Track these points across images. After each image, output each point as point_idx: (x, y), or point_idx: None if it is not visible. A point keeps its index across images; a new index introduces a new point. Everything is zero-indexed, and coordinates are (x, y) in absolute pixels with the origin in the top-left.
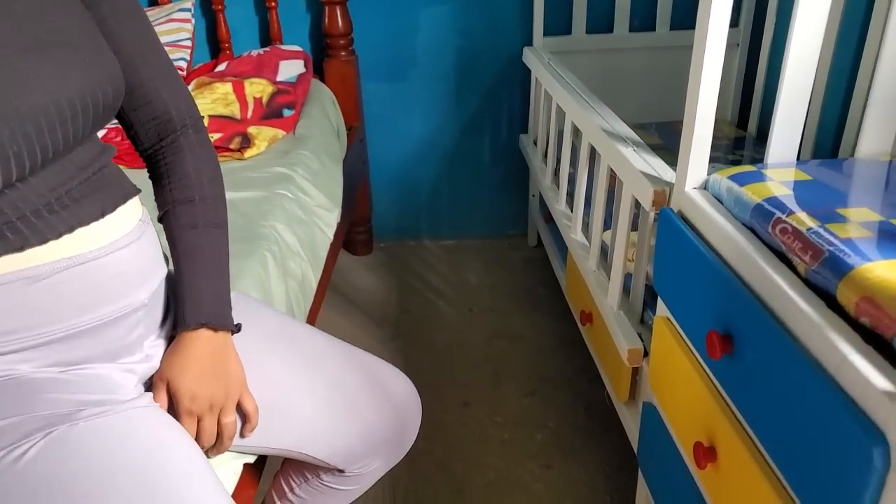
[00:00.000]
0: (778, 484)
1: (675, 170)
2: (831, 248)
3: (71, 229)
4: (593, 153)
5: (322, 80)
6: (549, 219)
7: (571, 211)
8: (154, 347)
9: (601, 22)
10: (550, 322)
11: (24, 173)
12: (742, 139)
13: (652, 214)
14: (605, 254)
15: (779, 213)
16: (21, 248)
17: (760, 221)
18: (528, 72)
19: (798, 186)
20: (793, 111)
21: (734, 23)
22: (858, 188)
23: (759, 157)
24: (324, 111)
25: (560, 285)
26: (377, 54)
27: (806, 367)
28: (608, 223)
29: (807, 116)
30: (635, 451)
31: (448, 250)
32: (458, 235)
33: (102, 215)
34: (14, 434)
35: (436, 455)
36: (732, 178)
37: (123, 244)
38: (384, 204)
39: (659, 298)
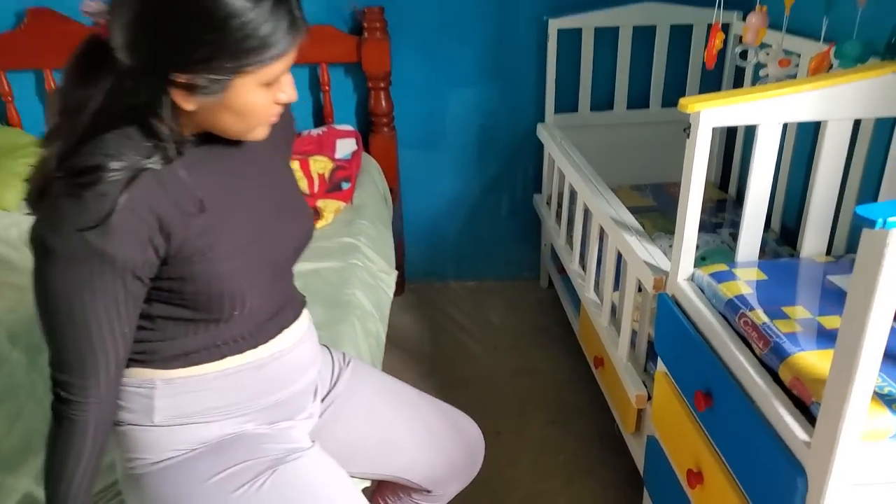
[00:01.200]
0: (745, 499)
1: (669, 258)
2: (777, 340)
3: (280, 331)
4: (602, 230)
5: (367, 150)
6: (561, 269)
7: (584, 271)
8: (314, 406)
9: (603, 101)
10: (565, 358)
11: (271, 300)
12: (724, 201)
13: (652, 293)
14: (613, 310)
15: (743, 309)
16: (255, 346)
17: (730, 313)
18: (541, 143)
19: (758, 286)
20: (754, 228)
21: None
22: (799, 287)
23: (737, 220)
24: (373, 181)
25: (571, 326)
26: (413, 128)
27: (758, 421)
28: (616, 284)
29: (771, 218)
30: (641, 473)
31: (470, 291)
32: (479, 278)
33: (294, 320)
34: (250, 473)
35: (477, 476)
36: (712, 275)
37: (305, 339)
38: (415, 251)
39: (659, 358)
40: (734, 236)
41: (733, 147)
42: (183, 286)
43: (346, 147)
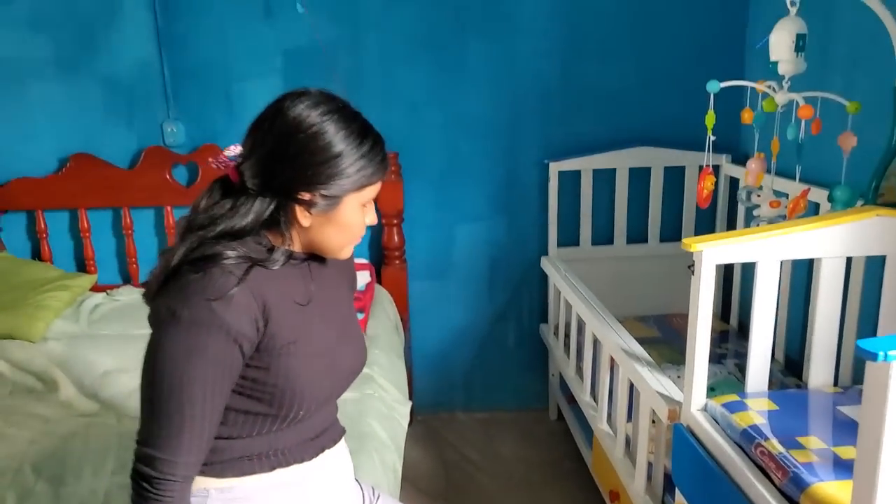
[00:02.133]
0: None
1: (679, 388)
2: (795, 470)
3: (322, 451)
4: (612, 360)
5: (380, 282)
6: (570, 399)
7: (595, 402)
8: None
9: (603, 236)
10: (578, 492)
11: (320, 418)
12: (726, 332)
13: (667, 424)
14: (627, 441)
15: (758, 439)
16: (301, 461)
17: (746, 443)
18: (545, 274)
19: (770, 416)
20: (761, 360)
21: (711, 230)
22: (811, 418)
23: (741, 351)
24: (385, 311)
25: (583, 458)
26: (423, 260)
27: None
28: (629, 415)
29: (774, 349)
30: None
31: (479, 422)
32: (487, 408)
33: (334, 444)
34: None
35: None
36: (724, 405)
37: (343, 465)
38: (423, 381)
39: (677, 489)
40: (740, 367)
41: (732, 280)
42: (266, 377)
43: (360, 279)
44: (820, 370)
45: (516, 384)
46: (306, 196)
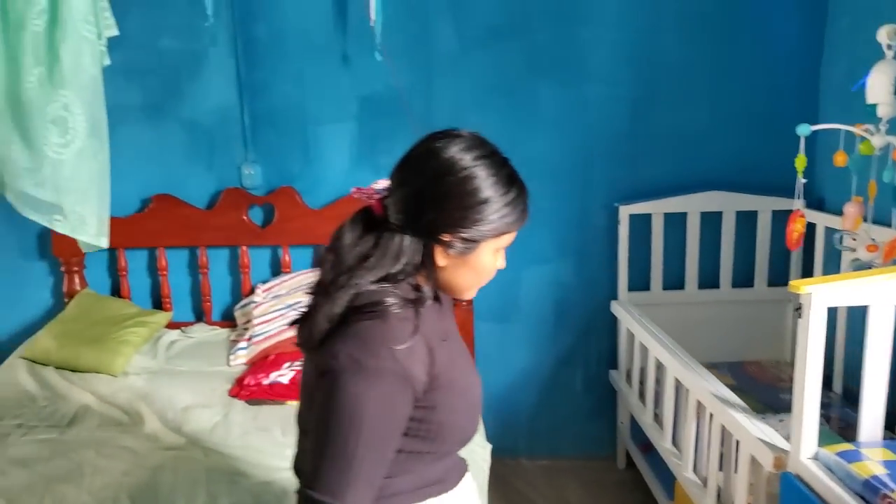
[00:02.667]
0: None
1: (778, 432)
2: None
3: (461, 478)
4: (699, 405)
5: None
6: (644, 449)
7: (679, 450)
8: None
9: (674, 281)
10: None
11: None
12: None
13: (771, 473)
14: (718, 490)
15: (884, 490)
16: (446, 490)
17: (870, 494)
18: (614, 318)
19: (891, 466)
20: (874, 408)
21: (785, 276)
22: None
23: (822, 399)
24: None
25: None
26: (488, 302)
27: None
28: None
29: None
30: None
31: (544, 469)
32: (552, 455)
33: (466, 470)
34: None
35: None
36: (839, 455)
37: (472, 485)
38: (486, 426)
39: None
40: (824, 416)
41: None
42: (430, 415)
43: None
44: None
45: (582, 431)
46: (446, 237)
